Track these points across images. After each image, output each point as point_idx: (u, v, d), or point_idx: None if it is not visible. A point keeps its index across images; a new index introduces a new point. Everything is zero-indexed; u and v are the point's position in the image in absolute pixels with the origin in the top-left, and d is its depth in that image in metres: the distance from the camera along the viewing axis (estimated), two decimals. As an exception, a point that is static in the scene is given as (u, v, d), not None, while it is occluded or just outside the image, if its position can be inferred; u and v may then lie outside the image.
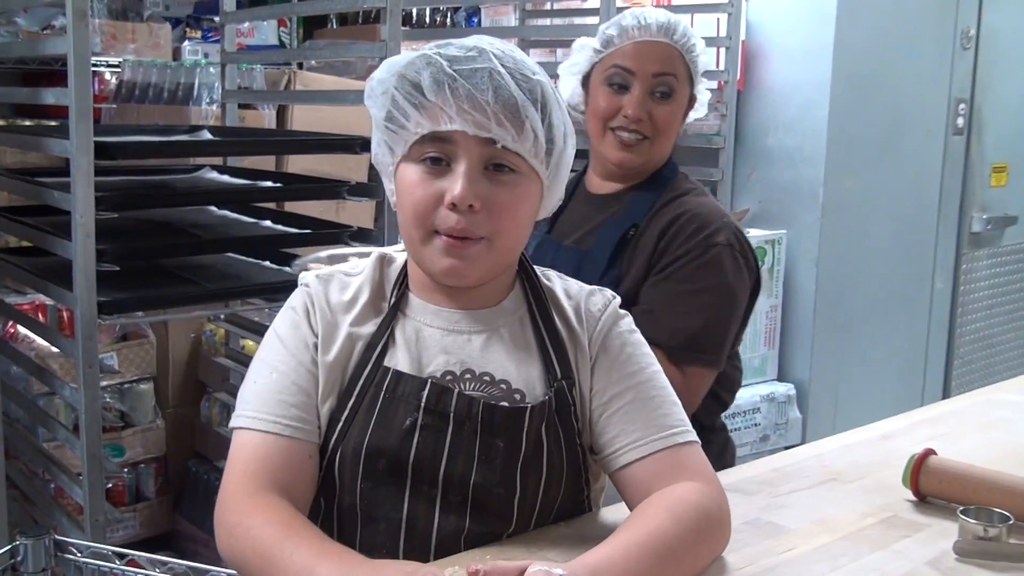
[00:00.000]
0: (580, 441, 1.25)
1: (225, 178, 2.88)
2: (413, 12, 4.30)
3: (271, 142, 3.04)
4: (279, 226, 2.64)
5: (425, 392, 1.19)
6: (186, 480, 3.28)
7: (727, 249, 1.77)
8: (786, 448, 2.76)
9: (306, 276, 1.27)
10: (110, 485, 3.02)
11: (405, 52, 1.21)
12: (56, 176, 2.40)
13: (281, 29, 4.36)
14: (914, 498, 1.40)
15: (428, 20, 4.39)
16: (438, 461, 1.18)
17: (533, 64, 1.19)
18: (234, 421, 1.20)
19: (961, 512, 1.26)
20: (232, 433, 1.20)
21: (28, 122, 3.27)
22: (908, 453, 1.41)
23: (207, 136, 2.87)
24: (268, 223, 2.67)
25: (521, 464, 1.19)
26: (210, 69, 3.36)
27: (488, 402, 1.19)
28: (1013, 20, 3.83)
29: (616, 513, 1.27)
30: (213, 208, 2.80)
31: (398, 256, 1.31)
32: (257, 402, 1.19)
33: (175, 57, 3.70)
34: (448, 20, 4.38)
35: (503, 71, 1.14)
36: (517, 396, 1.21)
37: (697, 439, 1.25)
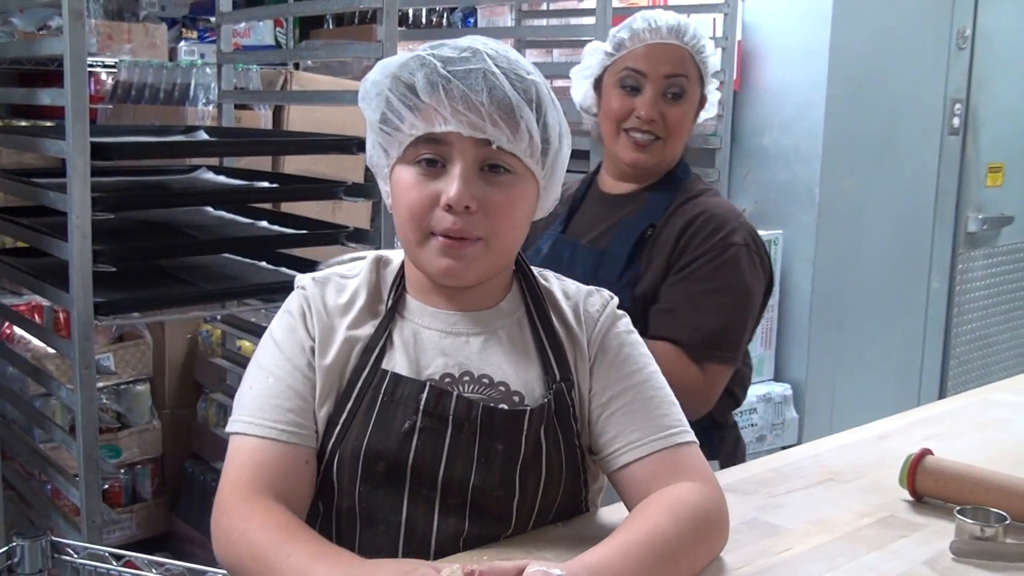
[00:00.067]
0: (579, 442, 1.25)
1: (221, 179, 2.88)
2: (409, 12, 4.30)
3: (267, 143, 3.03)
4: (275, 227, 2.64)
5: (424, 395, 1.18)
6: (183, 481, 3.27)
7: (744, 249, 1.80)
8: (783, 448, 2.76)
9: (302, 279, 1.27)
10: (107, 486, 3.02)
11: (401, 53, 1.21)
12: (52, 177, 2.40)
13: (277, 29, 4.36)
14: (911, 498, 1.40)
15: (424, 20, 4.39)
16: (437, 464, 1.17)
17: (527, 64, 1.19)
18: (230, 426, 1.20)
19: (958, 512, 1.26)
20: (229, 438, 1.20)
21: (24, 123, 3.27)
22: (905, 453, 1.42)
23: (203, 137, 2.87)
24: (264, 224, 2.66)
25: (520, 466, 1.19)
26: (206, 69, 3.36)
27: (487, 405, 1.19)
28: (1009, 20, 3.83)
29: (614, 513, 1.27)
30: (209, 209, 2.80)
31: (394, 258, 1.30)
32: (253, 407, 1.19)
33: (171, 57, 3.70)
34: (444, 20, 4.38)
35: (497, 71, 1.13)
36: (516, 398, 1.21)
37: (695, 439, 1.24)
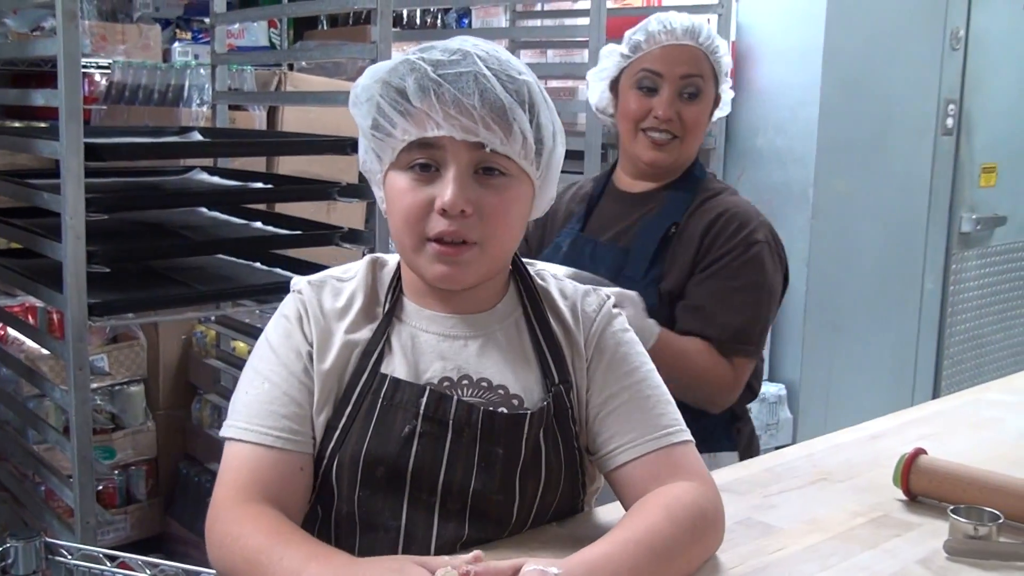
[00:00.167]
0: (577, 444, 1.25)
1: (215, 179, 2.88)
2: (404, 13, 4.31)
3: (261, 143, 3.03)
4: (270, 227, 2.64)
5: (423, 399, 1.17)
6: (177, 482, 3.27)
7: (766, 246, 1.87)
8: (777, 448, 2.76)
9: (298, 282, 1.25)
10: (101, 487, 3.01)
11: (394, 55, 1.21)
12: (46, 178, 2.39)
13: (271, 30, 4.37)
14: (904, 497, 1.40)
15: (419, 21, 4.40)
16: (437, 469, 1.17)
17: (519, 64, 1.18)
18: (225, 431, 1.18)
19: (951, 511, 1.26)
20: (224, 442, 1.19)
21: (18, 124, 3.27)
22: (898, 453, 1.42)
23: (197, 137, 2.87)
24: (259, 224, 2.66)
25: (520, 470, 1.19)
26: (200, 70, 3.35)
27: (487, 409, 1.18)
28: (1002, 21, 3.84)
29: (608, 513, 1.27)
30: (203, 209, 2.79)
31: (390, 259, 1.29)
32: (248, 413, 1.18)
33: (165, 58, 3.70)
34: (439, 21, 4.38)
35: (488, 73, 1.12)
36: (515, 402, 1.21)
37: (691, 438, 1.24)
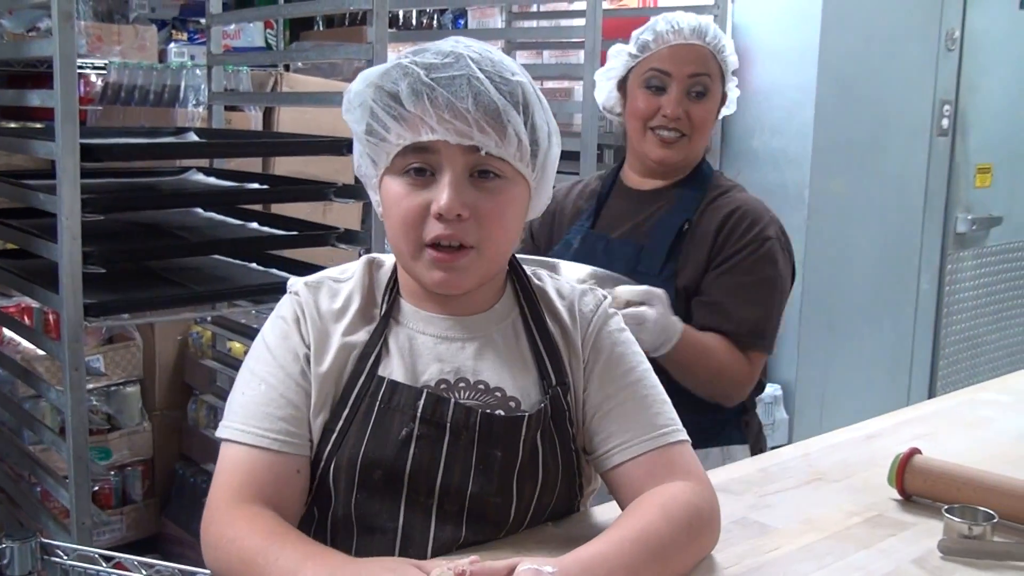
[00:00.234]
0: (574, 446, 1.25)
1: (211, 180, 2.88)
2: (400, 14, 4.30)
3: (257, 144, 3.03)
4: (266, 228, 2.64)
5: (421, 402, 1.17)
6: (173, 483, 3.27)
7: (777, 243, 1.91)
8: (773, 448, 2.76)
9: (294, 284, 1.25)
10: (96, 488, 3.01)
11: (391, 54, 1.20)
12: (42, 178, 2.39)
13: (267, 31, 4.37)
14: (899, 497, 1.40)
15: (415, 22, 4.39)
16: (435, 471, 1.17)
17: (512, 64, 1.17)
18: (221, 432, 1.18)
19: (946, 511, 1.26)
20: (220, 443, 1.19)
21: (14, 124, 3.27)
22: (893, 452, 1.42)
23: (193, 138, 2.87)
24: (255, 225, 2.66)
25: (518, 472, 1.19)
26: (196, 71, 3.36)
27: (485, 412, 1.18)
28: (997, 22, 3.85)
29: (604, 513, 1.27)
30: (199, 210, 2.79)
31: (387, 260, 1.28)
32: (244, 414, 1.17)
33: (161, 59, 3.71)
34: (435, 22, 4.38)
35: (482, 76, 1.12)
36: (512, 404, 1.20)
37: (688, 438, 1.24)
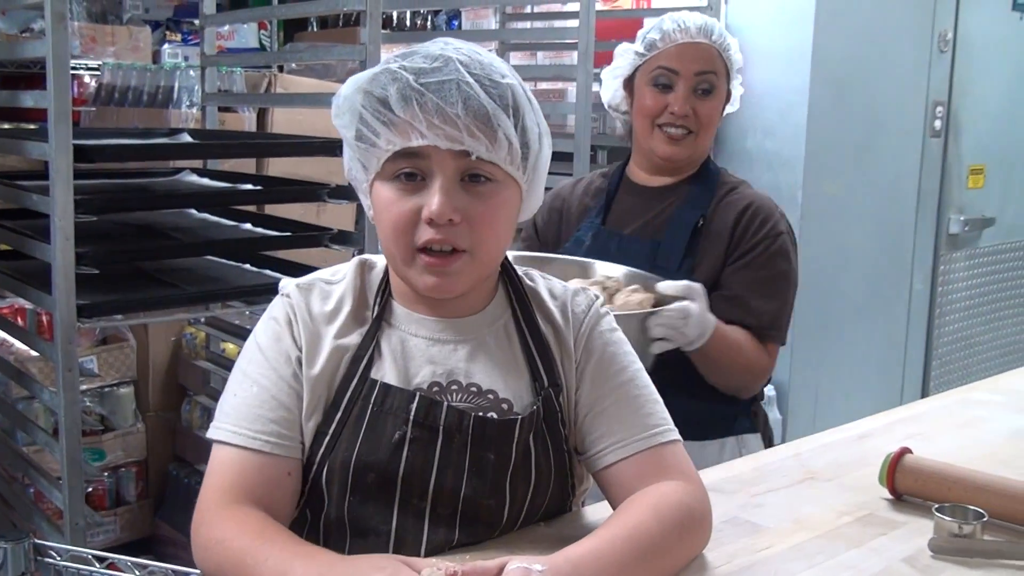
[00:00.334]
0: (567, 447, 1.25)
1: (205, 181, 2.88)
2: (393, 15, 4.31)
3: (251, 145, 3.03)
4: (259, 229, 2.64)
5: (414, 405, 1.17)
6: (167, 484, 3.27)
7: (787, 237, 1.96)
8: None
9: (286, 286, 1.25)
10: (90, 489, 3.01)
11: (384, 55, 1.20)
12: (35, 179, 2.39)
13: (261, 32, 4.37)
14: (890, 496, 1.41)
15: (408, 23, 4.40)
16: (428, 474, 1.16)
17: (502, 66, 1.17)
18: (212, 433, 1.18)
19: (936, 510, 1.27)
20: (212, 444, 1.19)
21: (7, 125, 3.26)
22: (885, 452, 1.42)
23: (187, 139, 2.87)
24: (248, 226, 2.67)
25: (511, 474, 1.19)
26: (190, 72, 3.35)
27: (478, 415, 1.18)
28: (990, 23, 3.86)
29: (596, 513, 1.28)
30: (193, 211, 2.80)
31: (379, 261, 1.28)
32: (236, 416, 1.17)
33: (155, 60, 3.71)
34: (428, 23, 4.38)
35: (471, 80, 1.11)
36: (505, 406, 1.20)
37: (679, 438, 1.25)
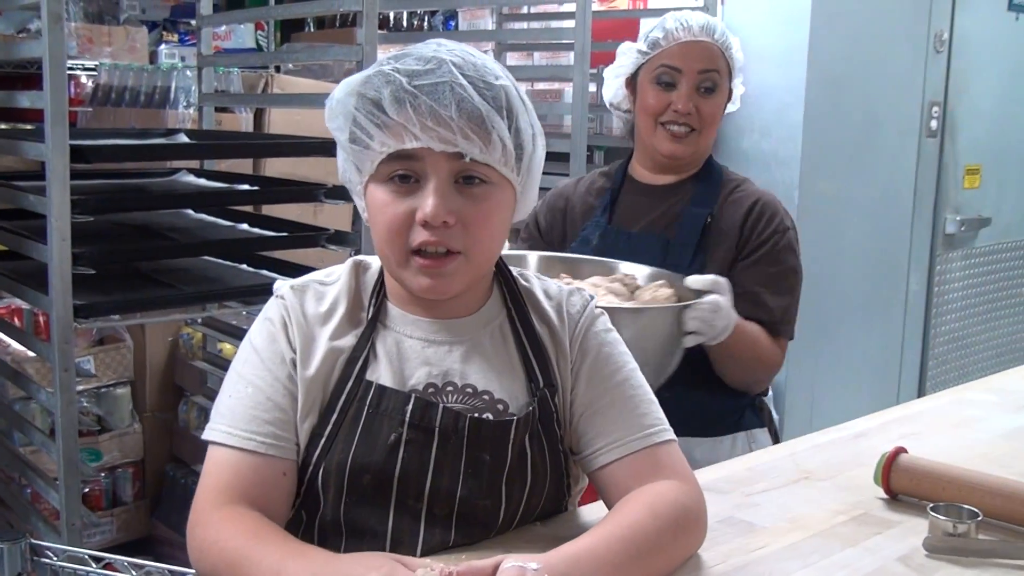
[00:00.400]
0: (562, 447, 1.25)
1: (202, 181, 2.88)
2: (390, 15, 4.31)
3: (248, 145, 3.03)
4: (256, 229, 2.64)
5: (409, 407, 1.17)
6: (163, 484, 3.27)
7: (792, 232, 1.99)
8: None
9: (280, 287, 1.25)
10: (87, 489, 3.01)
11: (381, 56, 1.20)
12: (32, 180, 2.39)
13: (258, 32, 4.37)
14: (885, 496, 1.41)
15: (405, 23, 4.40)
16: (424, 476, 1.16)
17: (496, 67, 1.17)
18: (208, 434, 1.18)
19: (931, 509, 1.27)
20: (208, 445, 1.19)
21: (3, 126, 3.26)
22: (880, 452, 1.43)
23: (183, 139, 2.87)
24: (245, 226, 2.67)
25: (506, 475, 1.19)
26: (187, 72, 3.36)
27: (474, 416, 1.18)
28: (986, 23, 3.86)
29: (591, 512, 1.28)
30: (190, 211, 2.80)
31: (373, 262, 1.28)
32: (231, 417, 1.17)
33: (151, 60, 3.71)
34: (425, 24, 4.38)
35: (464, 82, 1.11)
36: (500, 407, 1.21)
37: (675, 437, 1.25)
